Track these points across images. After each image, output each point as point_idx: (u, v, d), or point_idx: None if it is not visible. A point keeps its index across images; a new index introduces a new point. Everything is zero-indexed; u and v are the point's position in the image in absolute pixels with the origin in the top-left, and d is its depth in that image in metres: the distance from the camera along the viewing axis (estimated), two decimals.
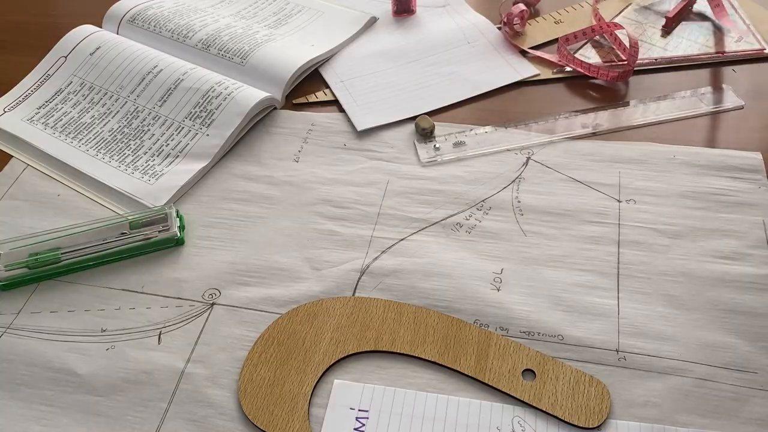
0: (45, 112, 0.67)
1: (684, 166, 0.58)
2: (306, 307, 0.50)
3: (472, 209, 0.56)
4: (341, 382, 0.46)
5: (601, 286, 0.50)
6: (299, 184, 0.59)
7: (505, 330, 0.48)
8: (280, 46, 0.71)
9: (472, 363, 0.46)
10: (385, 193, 0.58)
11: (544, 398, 0.44)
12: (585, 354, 0.47)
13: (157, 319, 0.50)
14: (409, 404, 0.45)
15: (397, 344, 0.47)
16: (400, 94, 0.67)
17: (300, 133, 0.64)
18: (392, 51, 0.72)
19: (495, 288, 0.51)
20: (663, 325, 0.48)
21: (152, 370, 0.47)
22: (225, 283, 0.52)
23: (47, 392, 0.46)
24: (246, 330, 0.49)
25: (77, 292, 0.52)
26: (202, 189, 0.60)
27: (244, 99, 0.64)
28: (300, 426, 0.44)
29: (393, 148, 0.62)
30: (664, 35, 0.71)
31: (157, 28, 0.73)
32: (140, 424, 0.45)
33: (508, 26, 0.69)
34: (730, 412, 0.43)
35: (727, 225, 0.54)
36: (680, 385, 0.45)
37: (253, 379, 0.46)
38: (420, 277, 0.51)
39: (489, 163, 0.60)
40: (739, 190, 0.56)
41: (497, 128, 0.63)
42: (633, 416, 0.43)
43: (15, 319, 0.51)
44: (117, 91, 0.67)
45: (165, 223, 0.55)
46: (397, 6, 0.76)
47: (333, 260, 0.53)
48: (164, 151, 0.62)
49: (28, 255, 0.53)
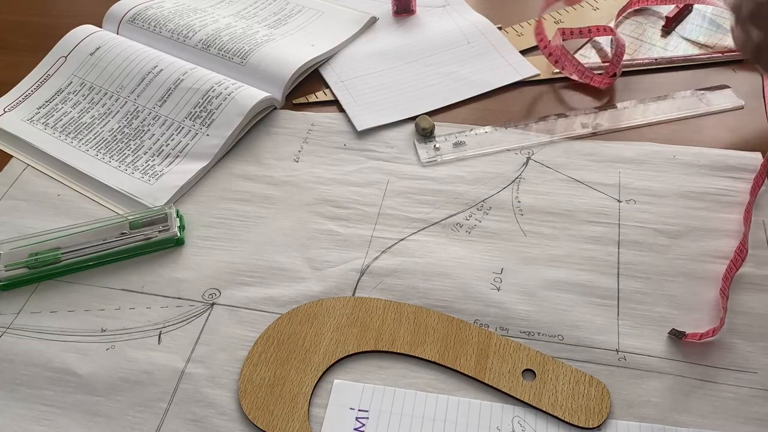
0: (45, 112, 0.67)
1: (684, 166, 0.58)
2: (306, 307, 0.50)
3: (472, 209, 0.56)
4: (341, 382, 0.46)
5: (601, 286, 0.50)
6: (299, 184, 0.59)
7: (505, 330, 0.48)
8: (280, 46, 0.71)
9: (472, 363, 0.46)
10: (385, 193, 0.58)
11: (544, 398, 0.44)
12: (585, 354, 0.47)
13: (157, 319, 0.50)
14: (409, 404, 0.45)
15: (397, 344, 0.47)
16: (400, 94, 0.67)
17: (300, 133, 0.64)
18: (392, 51, 0.72)
19: (495, 288, 0.51)
20: (663, 325, 0.48)
21: (152, 370, 0.47)
22: (225, 283, 0.52)
23: (47, 392, 0.46)
24: (246, 330, 0.49)
25: (77, 292, 0.52)
26: (202, 189, 0.60)
27: (244, 99, 0.64)
28: (300, 426, 0.44)
29: (393, 148, 0.62)
30: (664, 35, 0.71)
31: (157, 28, 0.73)
32: (140, 424, 0.45)
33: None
34: (730, 412, 0.43)
35: (727, 225, 0.53)
36: (680, 385, 0.45)
37: (253, 379, 0.46)
38: (420, 277, 0.51)
39: (489, 163, 0.60)
40: (740, 190, 0.56)
41: (497, 128, 0.63)
42: (633, 416, 0.43)
43: (15, 319, 0.51)
44: (117, 91, 0.67)
45: (165, 223, 0.55)
46: (397, 6, 0.76)
47: (333, 260, 0.53)
48: (164, 151, 0.62)
49: (28, 255, 0.53)
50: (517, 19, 0.75)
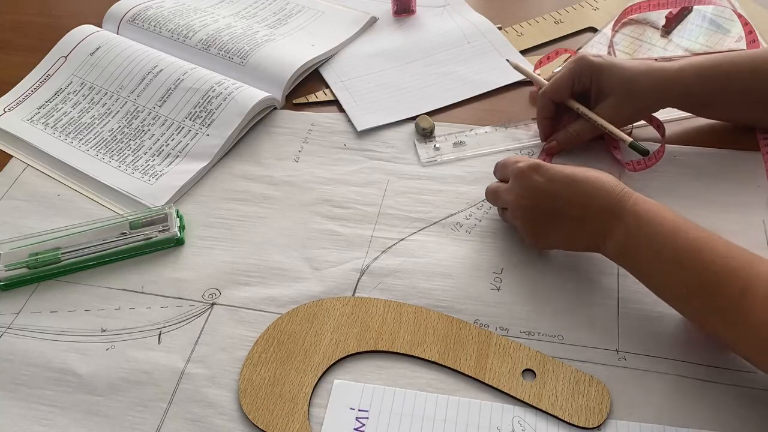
0: (45, 112, 0.67)
1: (684, 166, 0.58)
2: (306, 307, 0.50)
3: (472, 209, 0.56)
4: (341, 382, 0.46)
5: (601, 286, 0.50)
6: (299, 184, 0.59)
7: (505, 330, 0.48)
8: (280, 46, 0.71)
9: (472, 363, 0.46)
10: (385, 193, 0.58)
11: (544, 398, 0.44)
12: (585, 354, 0.47)
13: (157, 319, 0.50)
14: (409, 404, 0.45)
15: (397, 344, 0.47)
16: (400, 94, 0.67)
17: (300, 133, 0.64)
18: (392, 51, 0.72)
19: (495, 288, 0.51)
20: (663, 325, 0.48)
21: (152, 370, 0.47)
22: (225, 283, 0.52)
23: (47, 392, 0.46)
24: (246, 330, 0.49)
25: (77, 292, 0.52)
26: (202, 189, 0.60)
27: (244, 99, 0.63)
28: (300, 426, 0.44)
29: (393, 148, 0.62)
30: (664, 35, 0.71)
31: (157, 28, 0.73)
32: (140, 424, 0.45)
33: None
34: (730, 412, 0.43)
35: (727, 225, 0.53)
36: (680, 385, 0.45)
37: (253, 379, 0.46)
38: (420, 277, 0.51)
39: (489, 163, 0.60)
40: (739, 190, 0.56)
41: (497, 128, 0.63)
42: (633, 416, 0.43)
43: (15, 319, 0.51)
44: (117, 91, 0.67)
45: (165, 223, 0.55)
46: (397, 6, 0.76)
47: (333, 260, 0.53)
48: (164, 151, 0.62)
49: (28, 255, 0.53)
50: (517, 19, 0.75)
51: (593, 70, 0.57)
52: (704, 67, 0.56)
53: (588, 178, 0.47)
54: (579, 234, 0.48)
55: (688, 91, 0.56)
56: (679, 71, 0.56)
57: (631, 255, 0.46)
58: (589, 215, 0.47)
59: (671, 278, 0.44)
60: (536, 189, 0.48)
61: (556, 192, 0.48)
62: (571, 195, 0.48)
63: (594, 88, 0.57)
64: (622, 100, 0.56)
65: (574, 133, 0.59)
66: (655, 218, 0.45)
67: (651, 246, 0.44)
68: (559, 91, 0.58)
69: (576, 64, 0.57)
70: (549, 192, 0.48)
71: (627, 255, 0.46)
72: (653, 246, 0.44)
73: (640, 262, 0.46)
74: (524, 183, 0.49)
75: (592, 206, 0.47)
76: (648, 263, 0.45)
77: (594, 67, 0.57)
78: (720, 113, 0.60)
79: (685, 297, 0.43)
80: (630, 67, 0.56)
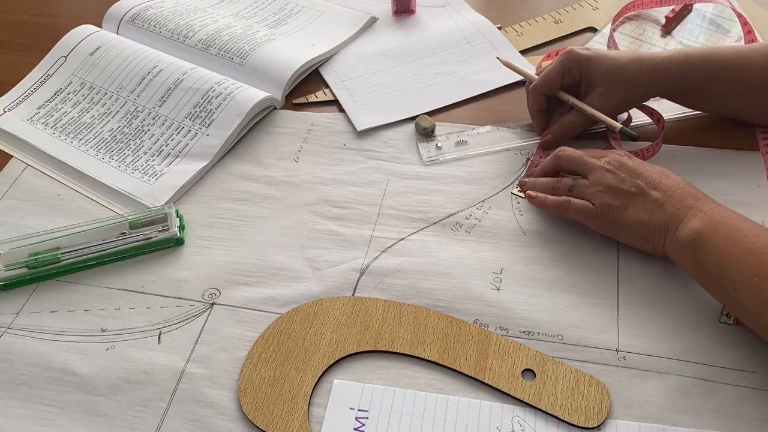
0: (45, 112, 0.67)
1: (684, 166, 0.58)
2: (306, 307, 0.50)
3: (472, 209, 0.56)
4: (341, 381, 0.46)
5: (601, 286, 0.50)
6: (299, 184, 0.59)
7: (505, 330, 0.48)
8: (280, 46, 0.71)
9: (472, 363, 0.46)
10: (385, 192, 0.58)
11: (544, 398, 0.44)
12: (585, 354, 0.47)
13: (157, 319, 0.50)
14: (409, 404, 0.45)
15: (396, 344, 0.47)
16: (400, 94, 0.67)
17: (300, 133, 0.64)
18: (392, 51, 0.72)
19: (495, 288, 0.51)
20: (663, 325, 0.48)
21: (152, 370, 0.47)
22: (225, 283, 0.52)
23: (47, 392, 0.46)
24: (246, 330, 0.49)
25: (77, 292, 0.52)
26: (202, 189, 0.60)
27: (244, 99, 0.64)
28: (300, 426, 0.44)
29: (393, 148, 0.62)
30: (664, 35, 0.71)
31: (157, 28, 0.73)
32: (140, 424, 0.45)
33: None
34: (730, 412, 0.43)
35: None
36: (680, 385, 0.45)
37: (253, 379, 0.46)
38: (420, 277, 0.51)
39: (489, 163, 0.60)
40: (739, 190, 0.56)
41: (497, 128, 0.63)
42: (633, 416, 0.43)
43: (15, 319, 0.51)
44: (117, 91, 0.67)
45: (165, 223, 0.55)
46: (397, 6, 0.76)
47: (333, 260, 0.53)
48: (164, 151, 0.62)
49: (28, 255, 0.53)
50: (517, 19, 0.75)
51: (582, 61, 0.58)
52: (692, 56, 0.57)
53: (677, 177, 0.51)
54: (654, 216, 0.49)
55: (677, 78, 0.57)
56: (668, 59, 0.57)
57: (705, 242, 0.46)
58: (670, 199, 0.49)
59: (744, 267, 0.44)
60: (628, 166, 0.51)
61: (646, 173, 0.51)
62: (659, 180, 0.50)
63: (584, 79, 0.59)
64: (610, 89, 0.58)
65: (567, 125, 0.60)
66: (735, 214, 0.47)
67: (730, 234, 0.45)
68: (549, 83, 0.59)
69: (565, 56, 0.59)
70: (639, 171, 0.51)
71: (699, 242, 0.46)
72: (732, 234, 0.45)
73: (711, 249, 0.46)
74: (616, 159, 0.52)
75: (675, 193, 0.49)
76: (719, 250, 0.45)
77: (582, 59, 0.58)
78: (708, 104, 0.60)
79: (755, 287, 0.43)
80: (618, 57, 0.58)
